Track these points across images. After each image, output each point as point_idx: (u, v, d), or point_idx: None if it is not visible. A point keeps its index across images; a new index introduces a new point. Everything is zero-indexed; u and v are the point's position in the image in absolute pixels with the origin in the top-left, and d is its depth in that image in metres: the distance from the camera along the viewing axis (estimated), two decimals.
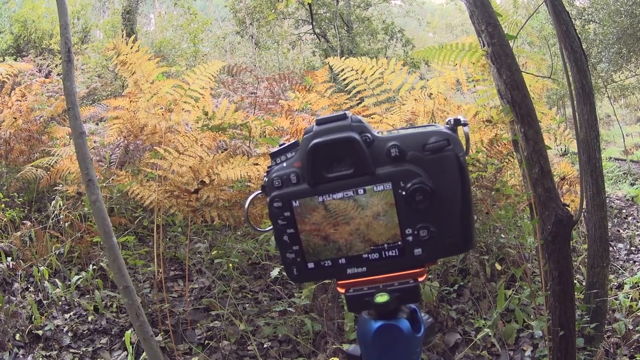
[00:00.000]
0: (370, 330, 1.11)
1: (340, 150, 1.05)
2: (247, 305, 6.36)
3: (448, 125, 1.07)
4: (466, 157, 1.07)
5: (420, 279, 1.09)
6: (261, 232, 1.30)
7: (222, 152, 6.66)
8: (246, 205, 1.29)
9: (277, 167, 1.12)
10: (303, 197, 1.08)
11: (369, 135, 1.05)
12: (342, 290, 1.12)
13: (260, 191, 1.17)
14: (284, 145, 1.14)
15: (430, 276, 6.66)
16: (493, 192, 6.90)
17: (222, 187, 6.10)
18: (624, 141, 27.64)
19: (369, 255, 1.08)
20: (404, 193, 1.02)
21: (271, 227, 1.13)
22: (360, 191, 1.04)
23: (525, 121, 4.55)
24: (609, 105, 32.96)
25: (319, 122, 1.08)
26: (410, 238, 1.05)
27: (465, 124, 1.08)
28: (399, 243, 1.06)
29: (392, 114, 7.31)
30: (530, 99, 4.67)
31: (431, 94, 7.09)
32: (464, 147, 1.06)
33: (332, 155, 1.05)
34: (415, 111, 7.31)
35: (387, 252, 1.07)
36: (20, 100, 8.95)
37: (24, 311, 5.71)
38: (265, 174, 1.14)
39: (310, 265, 1.12)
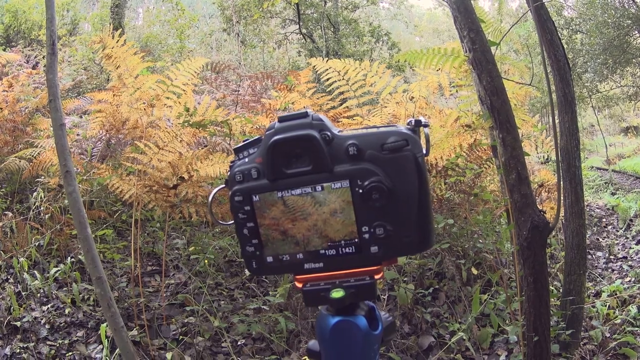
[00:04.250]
0: (327, 325, 1.12)
1: (300, 147, 1.06)
2: (222, 302, 6.35)
3: (409, 126, 1.09)
4: (426, 158, 1.08)
5: (376, 277, 1.10)
6: (222, 225, 1.31)
7: (202, 149, 6.66)
8: (209, 199, 1.31)
9: (239, 162, 1.14)
10: (263, 192, 1.09)
11: (329, 133, 1.06)
12: (299, 285, 1.14)
13: (223, 185, 1.18)
14: (247, 141, 1.15)
15: (405, 279, 6.68)
16: (471, 197, 6.92)
17: (200, 184, 6.10)
18: (606, 151, 27.86)
19: (326, 251, 1.09)
20: (361, 191, 1.03)
21: (232, 221, 1.15)
22: (318, 188, 1.06)
23: (503, 127, 4.57)
24: (593, 115, 33.20)
25: (281, 120, 1.09)
26: (366, 236, 1.06)
27: (425, 125, 1.10)
28: (356, 240, 1.07)
29: (373, 116, 7.33)
30: (510, 105, 4.68)
31: (413, 97, 7.10)
32: (424, 148, 1.07)
33: (292, 152, 1.07)
34: (396, 114, 7.32)
35: (343, 249, 1.08)
36: (7, 91, 8.93)
37: (3, 302, 5.69)
38: (229, 168, 1.15)
39: (269, 259, 1.13)
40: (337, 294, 1.07)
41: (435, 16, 74.21)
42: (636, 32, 22.97)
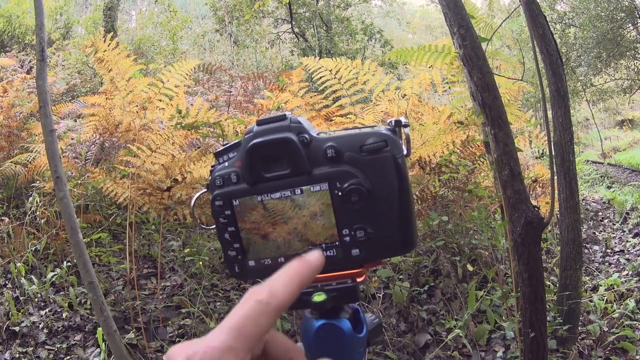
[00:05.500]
0: (311, 329, 1.12)
1: (278, 151, 1.05)
2: (218, 303, 6.35)
3: (389, 127, 1.08)
4: (407, 159, 1.07)
5: (358, 279, 1.09)
6: (205, 229, 1.30)
7: (195, 150, 6.66)
8: (191, 203, 1.30)
9: (219, 166, 1.13)
10: (242, 196, 1.08)
11: (307, 135, 1.05)
12: None
13: (206, 190, 1.17)
14: (227, 145, 1.14)
15: (401, 277, 6.68)
16: (465, 194, 6.92)
17: (194, 186, 6.10)
18: (601, 144, 27.89)
19: None
20: (340, 193, 1.02)
21: (214, 225, 1.14)
22: (298, 191, 1.04)
23: (495, 123, 4.56)
24: (587, 109, 33.27)
25: (260, 123, 1.08)
26: (347, 238, 1.05)
27: (405, 125, 1.09)
28: (337, 243, 1.06)
29: (366, 114, 7.32)
30: (501, 101, 4.66)
31: (405, 94, 7.09)
32: (404, 148, 1.07)
33: (270, 156, 1.06)
34: (389, 112, 7.31)
35: (324, 252, 1.08)
36: (1, 96, 8.94)
37: (1, 308, 5.70)
38: (209, 172, 1.15)
39: (251, 263, 1.12)
40: (318, 297, 1.07)
41: (427, 13, 74.29)
42: (630, 24, 23.03)
